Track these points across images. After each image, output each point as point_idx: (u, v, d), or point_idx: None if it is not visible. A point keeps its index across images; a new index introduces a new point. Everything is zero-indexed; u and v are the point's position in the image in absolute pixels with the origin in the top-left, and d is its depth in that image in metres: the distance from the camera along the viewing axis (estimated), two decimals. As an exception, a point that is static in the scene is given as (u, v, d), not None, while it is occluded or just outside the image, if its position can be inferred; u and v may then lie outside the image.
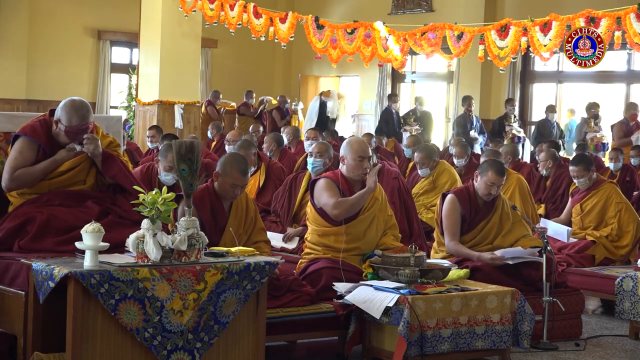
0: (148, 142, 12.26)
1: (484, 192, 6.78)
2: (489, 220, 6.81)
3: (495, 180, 6.75)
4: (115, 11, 19.46)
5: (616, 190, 8.47)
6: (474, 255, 6.61)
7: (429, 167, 9.67)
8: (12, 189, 5.36)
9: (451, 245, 6.74)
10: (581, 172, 8.42)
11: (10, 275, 4.98)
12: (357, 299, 5.73)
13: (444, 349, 5.64)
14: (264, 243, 6.03)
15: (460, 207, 6.76)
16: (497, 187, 6.79)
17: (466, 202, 6.79)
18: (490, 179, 6.75)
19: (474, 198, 6.82)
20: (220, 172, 5.87)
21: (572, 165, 8.59)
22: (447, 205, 6.80)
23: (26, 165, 5.32)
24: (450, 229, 6.77)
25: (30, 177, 5.32)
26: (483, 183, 6.78)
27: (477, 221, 6.79)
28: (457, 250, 6.71)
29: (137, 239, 4.73)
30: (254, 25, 14.99)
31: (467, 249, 6.69)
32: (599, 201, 8.42)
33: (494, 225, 6.81)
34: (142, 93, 16.29)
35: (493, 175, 6.75)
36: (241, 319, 5.03)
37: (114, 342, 4.65)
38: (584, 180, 8.44)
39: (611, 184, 8.60)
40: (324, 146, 8.13)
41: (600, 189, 8.45)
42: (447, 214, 6.79)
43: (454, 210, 6.77)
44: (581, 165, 8.44)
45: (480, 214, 6.81)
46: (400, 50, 13.61)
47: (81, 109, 5.36)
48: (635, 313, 6.79)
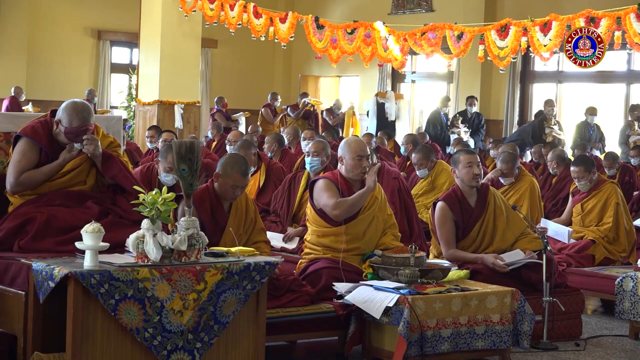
0: (147, 142, 12.26)
1: (470, 178, 6.69)
2: (483, 219, 6.73)
3: (471, 158, 6.73)
4: (115, 11, 19.47)
5: (616, 191, 8.45)
6: (476, 258, 6.58)
7: (427, 167, 9.68)
8: (17, 192, 5.36)
9: (449, 254, 6.65)
10: (582, 172, 8.39)
11: (10, 275, 4.98)
12: (357, 299, 5.73)
13: (444, 349, 5.64)
14: (263, 243, 6.02)
15: (452, 213, 6.67)
16: (476, 165, 6.72)
17: (456, 206, 6.70)
18: (464, 161, 6.71)
19: (463, 199, 6.74)
20: (220, 172, 5.87)
21: (573, 166, 8.56)
22: (438, 214, 6.69)
23: (30, 167, 5.33)
24: (445, 237, 6.67)
25: (35, 181, 5.34)
26: (463, 169, 6.72)
27: (471, 224, 6.71)
28: (456, 257, 6.63)
29: (137, 239, 4.73)
30: (254, 25, 15.00)
31: (465, 253, 6.63)
32: (599, 201, 8.40)
33: (488, 224, 6.73)
34: (142, 93, 16.30)
35: (466, 156, 6.75)
36: (241, 319, 5.03)
37: (114, 342, 4.65)
38: (585, 183, 8.41)
39: (612, 184, 8.57)
40: (321, 144, 8.12)
41: (601, 189, 8.43)
42: (440, 224, 6.69)
43: (446, 219, 6.67)
44: (582, 166, 8.41)
45: (473, 216, 6.72)
46: (400, 50, 13.62)
47: (82, 112, 5.37)
48: (635, 313, 6.79)
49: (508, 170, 8.70)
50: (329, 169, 8.06)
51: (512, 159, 8.76)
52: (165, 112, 16.01)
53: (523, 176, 8.76)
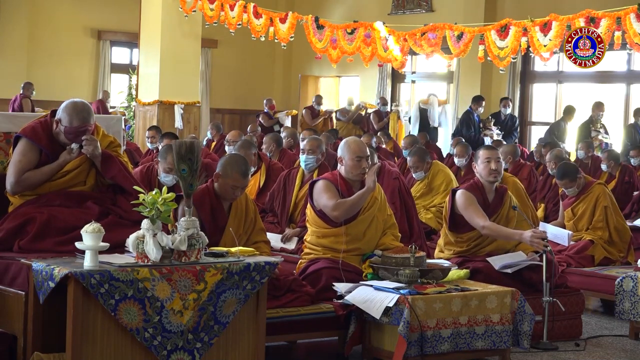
0: (147, 142, 12.26)
1: (487, 174, 6.75)
2: (498, 214, 6.79)
3: (489, 154, 6.79)
4: (115, 11, 19.46)
5: (604, 192, 8.38)
6: (514, 233, 6.58)
7: (423, 169, 9.68)
8: (17, 193, 5.36)
9: (487, 225, 6.59)
10: (568, 184, 8.39)
11: (10, 275, 4.98)
12: (357, 299, 5.73)
13: (444, 349, 5.64)
14: (263, 243, 6.02)
15: (474, 196, 6.73)
16: (495, 161, 6.76)
17: (478, 194, 6.76)
18: (484, 155, 6.79)
19: (483, 192, 6.80)
20: (220, 173, 5.87)
21: (557, 179, 8.56)
22: (461, 198, 6.71)
23: (31, 167, 5.33)
24: (477, 213, 6.63)
25: (35, 181, 5.34)
26: (481, 164, 6.79)
27: (488, 214, 6.74)
28: (497, 230, 6.62)
29: (137, 239, 4.73)
30: (254, 26, 15.00)
31: (505, 228, 6.63)
32: (588, 205, 8.34)
33: (501, 220, 6.77)
34: (142, 93, 16.30)
35: (485, 152, 6.82)
36: (241, 319, 5.03)
37: (114, 342, 4.65)
38: (573, 190, 8.41)
39: (599, 185, 8.52)
40: (316, 142, 8.13)
41: (589, 192, 8.37)
42: (466, 205, 6.68)
43: (471, 199, 6.69)
44: (566, 178, 8.37)
45: (490, 208, 6.78)
46: (400, 50, 13.62)
47: (82, 112, 5.37)
48: (635, 313, 6.79)
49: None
50: (323, 166, 8.08)
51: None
52: (165, 112, 16.01)
53: (504, 178, 8.70)
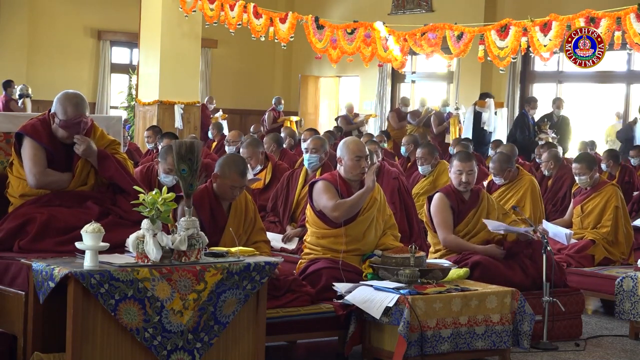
0: (146, 142, 12.26)
1: (456, 182, 6.83)
2: (476, 209, 6.83)
3: (461, 166, 6.81)
4: (115, 11, 19.47)
5: (617, 193, 8.42)
6: (475, 248, 6.62)
7: (430, 164, 9.68)
8: (42, 185, 5.32)
9: (449, 239, 6.73)
10: (583, 169, 8.40)
11: (10, 275, 4.98)
12: (357, 299, 5.73)
13: (444, 349, 5.64)
14: (263, 243, 6.02)
15: (449, 200, 6.79)
16: (466, 174, 6.80)
17: (452, 196, 6.82)
18: (455, 167, 6.83)
19: (458, 193, 6.86)
20: (219, 173, 5.87)
21: (575, 162, 8.59)
22: (436, 202, 6.82)
23: (46, 162, 5.32)
24: (443, 223, 6.76)
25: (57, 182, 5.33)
26: (452, 174, 6.88)
27: (465, 211, 6.82)
28: (457, 244, 6.71)
29: (137, 239, 4.73)
30: (254, 26, 14.99)
31: (467, 242, 6.70)
32: (599, 203, 8.39)
33: (482, 213, 6.82)
34: (142, 93, 16.29)
35: (457, 162, 6.85)
36: (241, 319, 5.03)
37: (114, 342, 4.65)
38: (586, 179, 8.41)
39: (613, 186, 8.55)
40: (319, 141, 8.15)
41: (602, 191, 8.42)
42: (438, 210, 6.80)
43: (443, 205, 6.79)
44: (584, 163, 8.43)
45: (467, 205, 6.84)
46: (400, 50, 13.61)
47: (75, 98, 5.37)
48: (635, 313, 6.79)
49: (495, 170, 8.61)
50: (327, 165, 8.08)
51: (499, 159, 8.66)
52: (165, 112, 16.00)
53: (522, 176, 8.74)
